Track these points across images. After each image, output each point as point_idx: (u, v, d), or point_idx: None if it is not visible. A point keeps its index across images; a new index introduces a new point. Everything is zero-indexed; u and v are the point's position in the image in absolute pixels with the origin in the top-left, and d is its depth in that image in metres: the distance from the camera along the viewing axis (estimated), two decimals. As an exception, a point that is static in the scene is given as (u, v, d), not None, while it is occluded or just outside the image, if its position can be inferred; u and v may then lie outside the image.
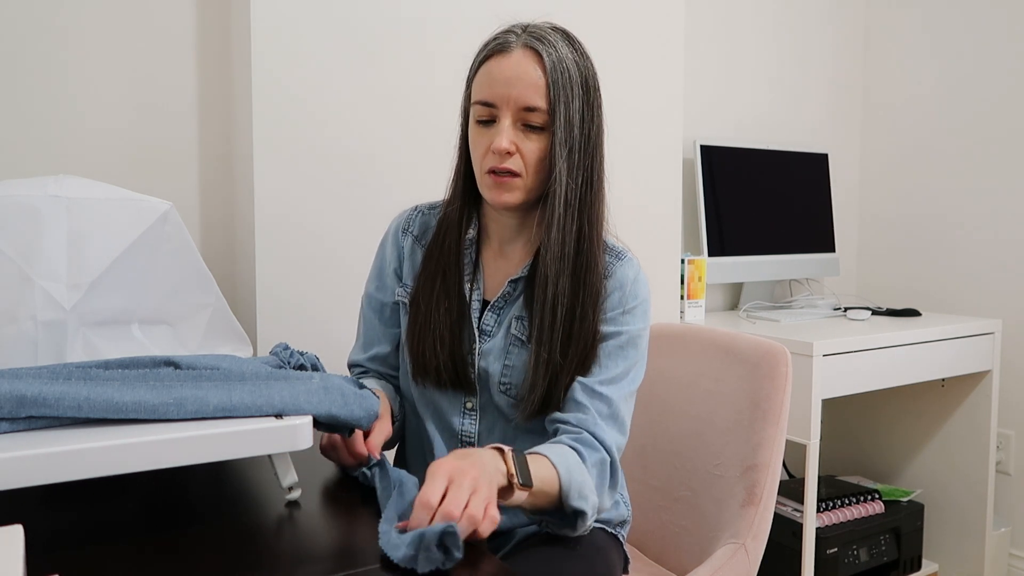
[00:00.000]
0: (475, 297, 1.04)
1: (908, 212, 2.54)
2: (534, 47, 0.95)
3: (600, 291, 0.99)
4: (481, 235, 1.07)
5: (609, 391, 0.98)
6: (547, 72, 0.93)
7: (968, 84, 2.37)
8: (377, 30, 1.51)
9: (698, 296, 2.07)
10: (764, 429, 1.22)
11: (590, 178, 0.98)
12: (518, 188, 0.97)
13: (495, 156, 0.95)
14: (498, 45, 0.96)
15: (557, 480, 0.89)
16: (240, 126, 1.49)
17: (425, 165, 1.56)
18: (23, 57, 1.37)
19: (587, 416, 0.96)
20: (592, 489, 0.93)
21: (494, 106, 0.95)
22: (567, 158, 0.95)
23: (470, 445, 1.04)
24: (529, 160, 0.95)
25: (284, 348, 1.02)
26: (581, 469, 0.92)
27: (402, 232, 1.11)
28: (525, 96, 0.93)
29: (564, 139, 0.94)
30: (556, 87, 0.93)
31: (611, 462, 0.97)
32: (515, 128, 0.95)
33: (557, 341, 0.96)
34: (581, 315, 0.97)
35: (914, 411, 2.32)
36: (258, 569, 0.66)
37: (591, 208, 0.98)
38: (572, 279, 0.97)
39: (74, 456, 0.68)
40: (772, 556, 1.64)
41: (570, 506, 0.90)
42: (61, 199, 0.93)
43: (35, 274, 0.89)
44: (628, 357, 1.01)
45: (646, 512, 1.39)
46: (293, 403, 0.79)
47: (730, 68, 2.37)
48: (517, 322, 1.02)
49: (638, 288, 1.02)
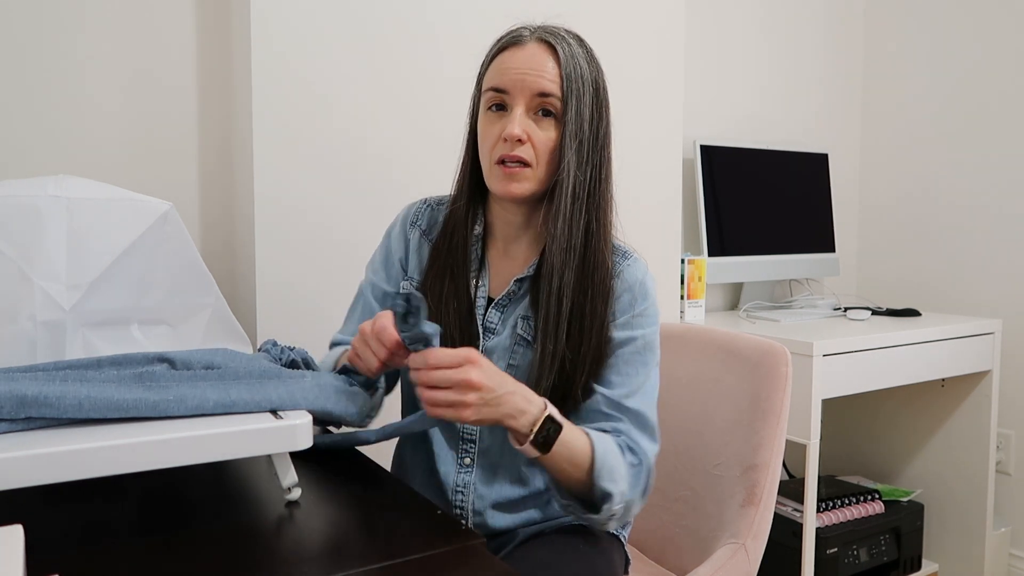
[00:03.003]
0: (480, 294, 1.04)
1: (908, 212, 2.54)
2: (548, 40, 0.96)
3: (609, 289, 0.99)
4: (486, 233, 1.06)
5: (637, 404, 0.98)
6: (561, 63, 0.94)
7: (968, 84, 2.37)
8: (379, 23, 1.51)
9: (698, 296, 2.07)
10: (764, 429, 1.22)
11: (598, 175, 0.98)
12: (528, 179, 0.96)
13: (506, 144, 0.95)
14: (512, 38, 0.98)
15: (590, 455, 0.89)
16: (240, 123, 1.49)
17: (427, 162, 1.56)
18: (23, 57, 1.37)
19: (621, 427, 0.97)
20: (625, 479, 0.92)
21: (507, 92, 0.96)
22: (577, 150, 0.95)
23: (471, 443, 1.04)
24: (540, 150, 0.95)
25: (274, 345, 1.02)
26: (618, 457, 0.92)
27: (410, 225, 1.10)
28: (540, 82, 0.94)
29: (575, 131, 0.95)
30: (569, 79, 0.94)
31: (648, 469, 0.97)
32: (527, 117, 0.95)
33: (563, 334, 0.96)
34: (591, 311, 0.97)
35: (914, 411, 2.32)
36: (258, 569, 0.66)
37: (599, 205, 0.98)
38: (579, 273, 0.97)
39: (74, 456, 0.68)
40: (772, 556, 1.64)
41: (599, 487, 0.89)
42: (61, 199, 0.92)
43: (35, 274, 0.89)
44: (648, 362, 1.00)
45: (646, 512, 1.39)
46: (290, 399, 0.81)
47: (730, 68, 2.37)
48: (523, 322, 1.01)
49: (647, 289, 1.02)
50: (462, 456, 1.04)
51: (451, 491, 1.04)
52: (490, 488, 1.03)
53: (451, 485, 1.04)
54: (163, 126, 1.49)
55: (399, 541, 0.74)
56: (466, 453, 1.04)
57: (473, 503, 1.04)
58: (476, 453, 1.04)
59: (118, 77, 1.44)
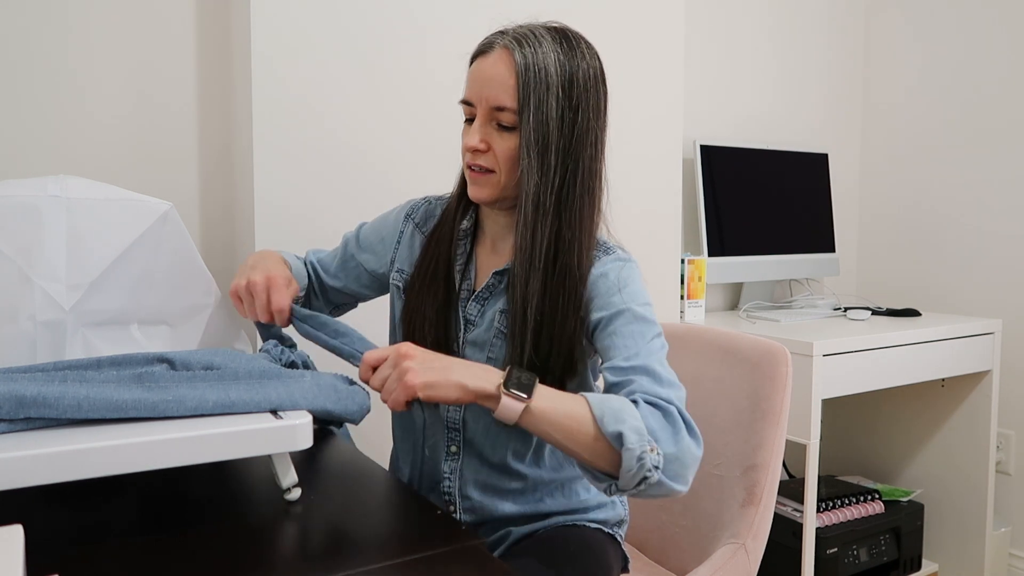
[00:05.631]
0: (465, 287, 1.06)
1: (908, 212, 2.54)
2: (510, 47, 0.95)
3: (582, 295, 0.97)
4: (477, 230, 1.09)
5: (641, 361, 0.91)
6: (517, 73, 0.94)
7: (968, 84, 2.37)
8: (378, 25, 1.51)
9: (698, 296, 2.07)
10: (764, 429, 1.22)
11: (572, 179, 0.96)
12: (491, 184, 0.98)
13: (470, 153, 0.98)
14: (481, 47, 0.98)
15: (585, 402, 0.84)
16: (240, 123, 1.49)
17: (425, 164, 1.57)
18: (23, 57, 1.37)
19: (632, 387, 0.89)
20: (635, 416, 0.83)
21: (472, 105, 0.98)
22: (538, 158, 0.94)
23: (456, 431, 1.05)
24: (501, 157, 0.96)
25: (275, 346, 1.02)
26: (621, 401, 0.85)
27: (406, 217, 1.14)
28: (494, 96, 0.95)
29: (534, 139, 0.94)
30: (526, 88, 0.93)
31: (678, 412, 0.87)
32: (488, 126, 0.97)
33: (529, 342, 0.95)
34: (561, 320, 0.95)
35: (914, 411, 2.32)
36: (258, 569, 0.66)
37: (571, 211, 0.96)
38: (548, 283, 0.95)
39: (74, 456, 0.68)
40: (772, 556, 1.64)
41: (608, 432, 0.82)
42: (61, 199, 0.93)
43: (35, 274, 0.89)
44: (645, 334, 0.93)
45: (646, 512, 1.39)
46: (289, 399, 0.81)
47: (730, 68, 2.37)
48: (501, 315, 1.02)
49: (628, 272, 0.98)
50: (448, 444, 1.06)
51: (440, 477, 1.06)
52: (477, 475, 1.05)
53: (439, 472, 1.06)
54: (163, 126, 1.49)
55: (399, 541, 0.74)
56: (452, 441, 1.06)
57: (461, 488, 1.05)
58: (462, 441, 1.05)
59: (118, 77, 1.44)
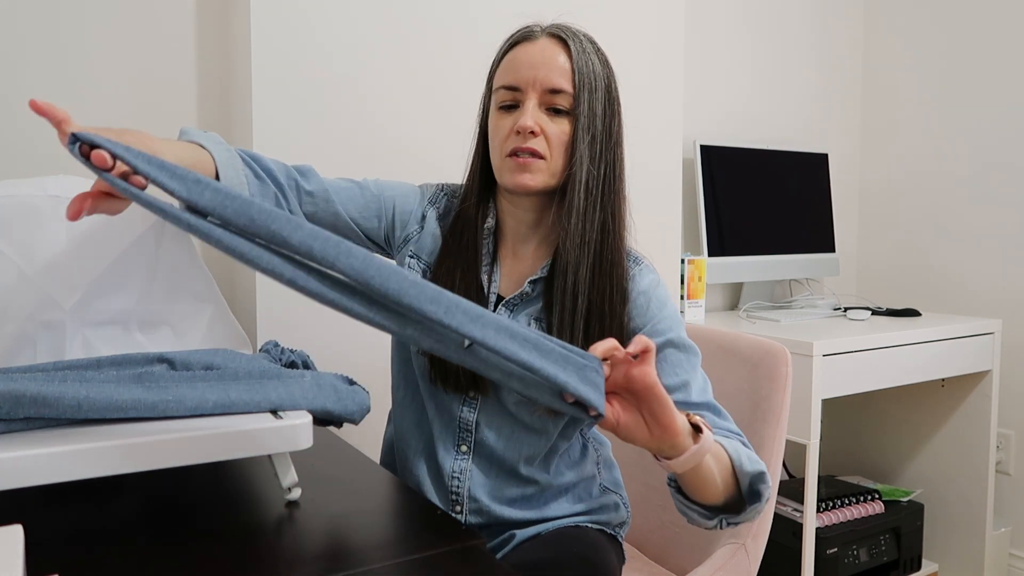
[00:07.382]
0: (492, 290, 1.02)
1: (908, 212, 2.54)
2: (560, 35, 0.95)
3: (627, 290, 0.98)
4: (497, 232, 1.05)
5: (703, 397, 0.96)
6: (573, 58, 0.94)
7: (968, 84, 2.37)
8: (381, 9, 1.51)
9: (698, 296, 2.07)
10: (764, 429, 1.22)
11: (612, 172, 0.97)
12: (541, 170, 0.95)
13: (518, 136, 0.94)
14: (523, 34, 0.97)
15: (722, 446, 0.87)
16: (240, 123, 1.49)
17: (430, 147, 1.56)
18: (23, 57, 1.37)
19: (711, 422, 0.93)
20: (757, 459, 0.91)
21: (519, 90, 0.95)
22: (589, 145, 0.94)
23: (467, 431, 1.03)
24: (554, 142, 0.94)
25: (275, 346, 1.02)
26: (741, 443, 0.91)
27: (429, 202, 1.08)
28: (551, 78, 0.93)
29: (587, 126, 0.94)
30: (581, 74, 0.94)
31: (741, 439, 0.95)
32: (540, 110, 0.95)
33: (580, 332, 0.94)
34: (609, 310, 0.95)
35: (914, 411, 2.32)
36: (258, 569, 0.66)
37: (613, 202, 0.97)
38: (595, 271, 0.95)
39: (74, 456, 0.68)
40: (772, 556, 1.64)
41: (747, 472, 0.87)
42: (61, 199, 0.92)
43: (35, 274, 0.89)
44: (695, 365, 0.98)
45: (646, 512, 1.39)
46: (289, 399, 0.80)
47: (730, 68, 2.37)
48: (535, 323, 0.99)
49: (662, 292, 1.01)
50: (459, 443, 1.04)
51: (448, 476, 1.04)
52: (486, 478, 1.03)
53: (448, 470, 1.04)
54: (163, 126, 1.49)
55: (399, 541, 0.74)
56: (463, 441, 1.04)
57: (469, 489, 1.04)
58: (472, 443, 1.03)
59: (118, 77, 1.44)
